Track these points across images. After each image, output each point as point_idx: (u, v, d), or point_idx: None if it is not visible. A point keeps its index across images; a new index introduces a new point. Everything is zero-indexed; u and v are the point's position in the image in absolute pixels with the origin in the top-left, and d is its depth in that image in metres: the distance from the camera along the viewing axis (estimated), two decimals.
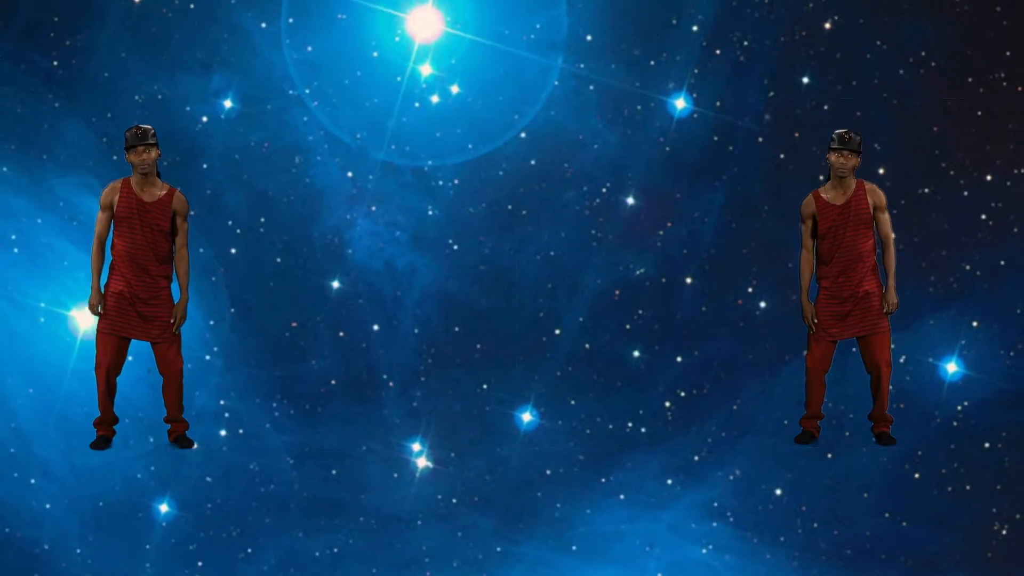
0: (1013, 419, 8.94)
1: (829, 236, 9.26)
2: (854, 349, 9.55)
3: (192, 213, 9.62)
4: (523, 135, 11.17)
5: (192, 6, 11.04)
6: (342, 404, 11.01)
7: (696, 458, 8.72)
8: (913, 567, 7.54)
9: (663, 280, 11.12)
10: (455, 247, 11.21)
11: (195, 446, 9.69)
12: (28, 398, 10.83)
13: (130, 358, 9.75)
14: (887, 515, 7.98)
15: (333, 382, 11.14)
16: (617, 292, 11.14)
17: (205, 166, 11.14)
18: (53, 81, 11.01)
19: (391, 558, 8.66)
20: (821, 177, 9.48)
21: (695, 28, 11.08)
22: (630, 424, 9.65)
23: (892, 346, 9.31)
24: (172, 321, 9.42)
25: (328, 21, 11.14)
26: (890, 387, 9.30)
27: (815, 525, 7.93)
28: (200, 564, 9.51)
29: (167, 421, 9.72)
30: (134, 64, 11.07)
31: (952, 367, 8.48)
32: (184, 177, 11.09)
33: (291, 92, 11.13)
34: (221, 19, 11.10)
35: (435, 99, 11.09)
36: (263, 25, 11.09)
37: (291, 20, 11.05)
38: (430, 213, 11.22)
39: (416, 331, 11.20)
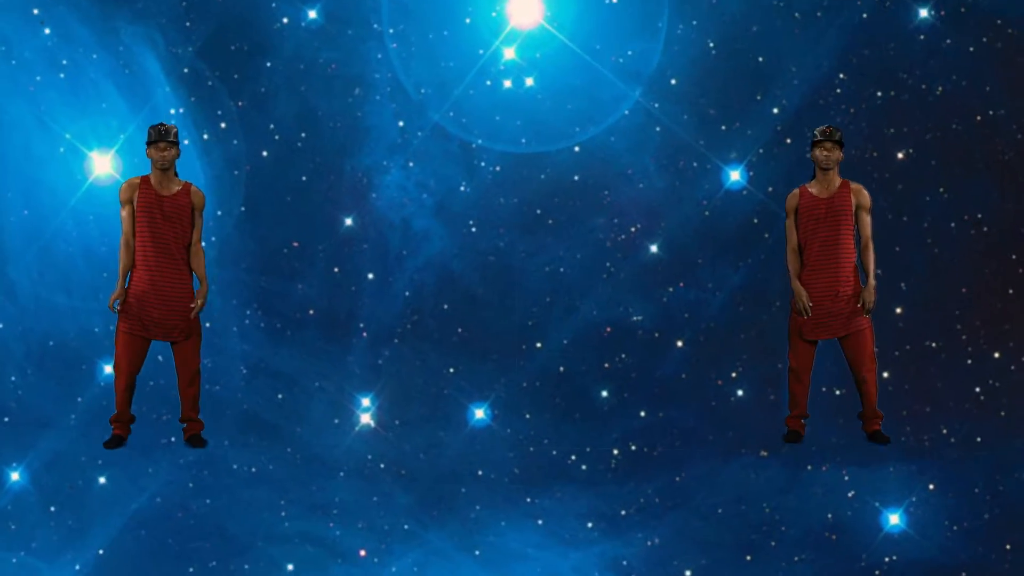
0: None
1: (810, 229, 9.42)
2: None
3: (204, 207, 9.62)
4: (576, 149, 11.16)
5: None
6: (312, 335, 11.02)
7: (623, 512, 8.70)
8: None
9: (656, 335, 11.12)
10: (473, 229, 11.20)
11: (207, 445, 9.56)
12: (20, 218, 10.84)
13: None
14: None
15: (311, 312, 11.14)
16: (608, 329, 11.13)
17: (268, 64, 11.13)
18: None
19: (302, 497, 8.67)
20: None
21: (775, 111, 11.08)
22: (573, 457, 9.63)
23: (876, 349, 9.52)
24: (192, 306, 9.35)
25: None
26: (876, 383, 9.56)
27: None
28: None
29: (183, 420, 9.59)
30: None
31: (894, 519, 8.46)
32: (245, 68, 11.11)
33: (375, 26, 11.12)
34: None
35: (507, 84, 11.09)
36: None
37: None
38: (462, 189, 11.22)
39: (407, 294, 11.20)
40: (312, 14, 11.06)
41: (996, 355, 10.84)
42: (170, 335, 9.38)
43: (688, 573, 8.01)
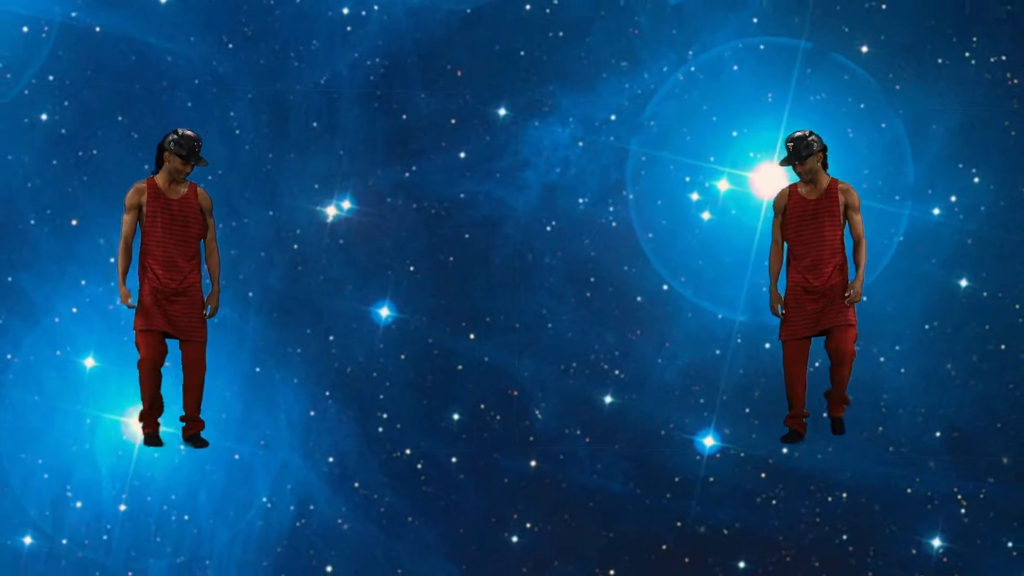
0: None
1: (798, 227, 9.46)
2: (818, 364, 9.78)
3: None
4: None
5: None
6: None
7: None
8: None
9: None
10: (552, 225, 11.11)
11: (208, 445, 9.65)
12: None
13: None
14: None
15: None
16: (608, 400, 11.10)
17: None
18: None
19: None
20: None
21: None
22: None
23: (857, 347, 9.57)
24: (205, 313, 9.40)
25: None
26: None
27: None
28: None
29: (183, 420, 9.61)
30: None
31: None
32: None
33: None
34: None
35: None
36: None
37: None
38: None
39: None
40: None
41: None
42: (184, 334, 9.35)
43: None
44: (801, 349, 9.60)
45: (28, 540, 10.49)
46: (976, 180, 10.84)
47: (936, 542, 10.53)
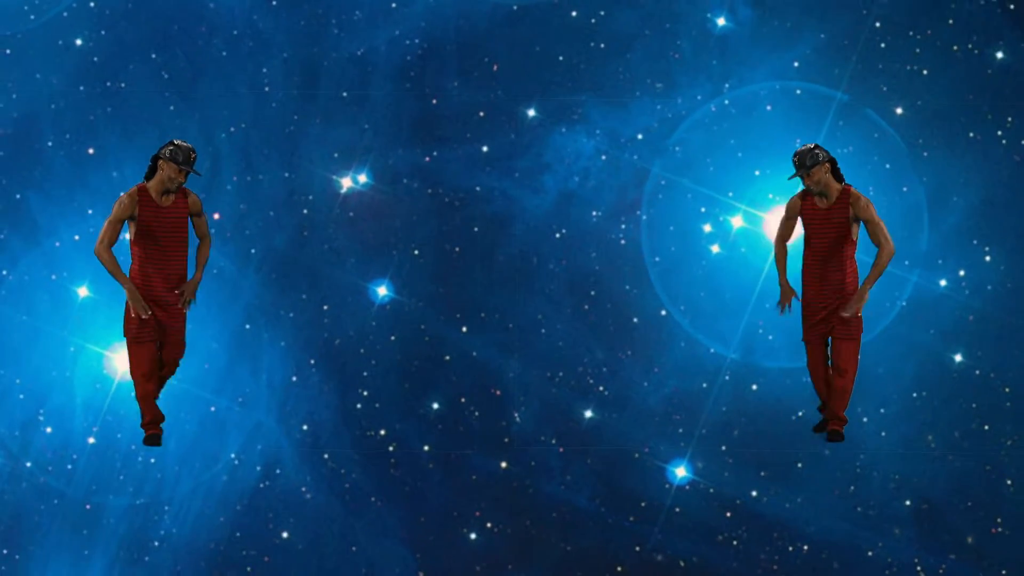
0: None
1: (810, 235, 9.41)
2: None
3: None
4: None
5: None
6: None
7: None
8: None
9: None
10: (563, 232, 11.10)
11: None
12: None
13: None
14: None
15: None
16: (588, 415, 11.10)
17: None
18: None
19: None
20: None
21: None
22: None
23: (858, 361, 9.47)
24: (180, 294, 9.23)
25: None
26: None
27: None
28: None
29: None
30: None
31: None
32: None
33: None
34: None
35: None
36: None
37: None
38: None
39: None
40: None
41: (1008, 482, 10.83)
42: (169, 336, 9.31)
43: None
44: (820, 353, 9.50)
45: None
46: (987, 259, 10.83)
47: None
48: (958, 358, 10.74)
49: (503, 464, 10.65)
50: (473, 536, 10.51)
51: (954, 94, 10.98)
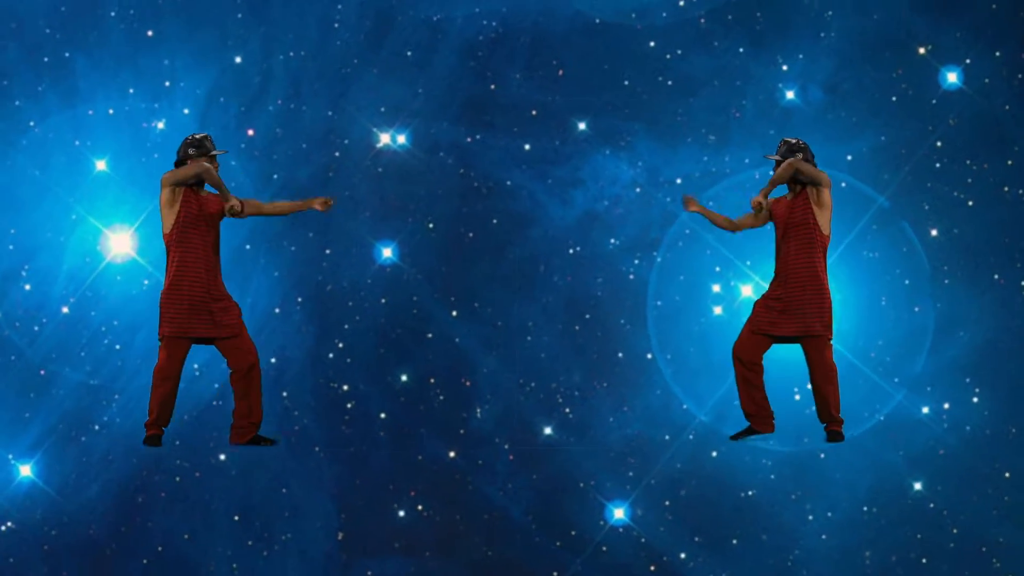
0: None
1: (778, 235, 9.47)
2: None
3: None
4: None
5: None
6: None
7: None
8: None
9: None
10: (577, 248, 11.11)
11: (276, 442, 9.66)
12: None
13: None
14: None
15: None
16: (547, 432, 11.10)
17: None
18: None
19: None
20: None
21: None
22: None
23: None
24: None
25: None
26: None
27: None
28: None
29: (246, 423, 9.43)
30: None
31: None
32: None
33: None
34: None
35: None
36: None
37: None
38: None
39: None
40: None
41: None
42: (220, 333, 9.21)
43: None
44: (758, 344, 9.52)
45: None
46: (975, 400, 10.82)
47: None
48: (917, 486, 10.71)
49: (451, 453, 10.64)
50: (402, 513, 10.49)
51: (992, 233, 10.98)
